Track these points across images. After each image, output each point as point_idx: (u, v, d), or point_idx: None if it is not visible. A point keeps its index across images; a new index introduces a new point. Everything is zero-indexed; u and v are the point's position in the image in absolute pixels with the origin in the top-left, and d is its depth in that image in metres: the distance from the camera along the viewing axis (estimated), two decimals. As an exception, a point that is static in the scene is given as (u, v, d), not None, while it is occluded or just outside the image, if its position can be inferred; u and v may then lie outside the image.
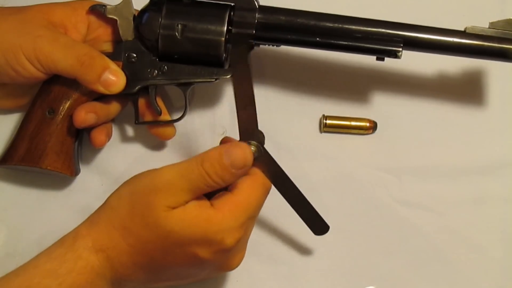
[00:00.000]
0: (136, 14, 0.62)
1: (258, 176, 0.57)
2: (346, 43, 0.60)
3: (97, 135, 0.64)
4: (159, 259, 0.55)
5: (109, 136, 0.66)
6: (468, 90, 0.71)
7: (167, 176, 0.54)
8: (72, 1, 0.64)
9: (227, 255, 0.56)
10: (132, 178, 0.56)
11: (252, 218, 0.57)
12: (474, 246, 0.69)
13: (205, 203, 0.55)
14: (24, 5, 0.63)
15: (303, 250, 0.68)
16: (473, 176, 0.70)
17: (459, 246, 0.69)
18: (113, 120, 0.68)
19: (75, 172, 0.65)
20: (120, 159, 0.70)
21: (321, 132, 0.71)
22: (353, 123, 0.70)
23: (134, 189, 0.55)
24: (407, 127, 0.71)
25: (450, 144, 0.70)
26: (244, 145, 0.55)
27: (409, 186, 0.70)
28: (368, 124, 0.70)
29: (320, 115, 0.71)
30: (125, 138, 0.70)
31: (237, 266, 0.59)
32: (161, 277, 0.58)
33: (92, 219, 0.56)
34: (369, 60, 0.62)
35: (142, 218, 0.54)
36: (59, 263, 0.54)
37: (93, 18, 0.63)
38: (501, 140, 0.70)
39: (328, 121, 0.70)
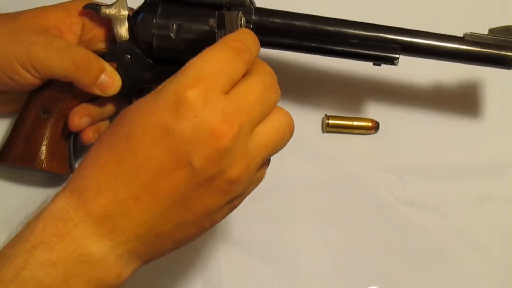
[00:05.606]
0: (130, 14, 0.61)
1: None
2: (342, 48, 0.60)
3: (85, 132, 0.63)
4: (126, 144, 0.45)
5: (100, 134, 0.65)
6: (470, 91, 0.71)
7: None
8: (65, 2, 0.63)
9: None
10: None
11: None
12: (477, 245, 0.69)
13: None
14: (21, 9, 0.62)
15: (306, 250, 0.69)
16: (476, 176, 0.69)
17: (461, 245, 0.69)
18: (110, 119, 0.67)
19: (71, 171, 0.65)
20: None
21: (323, 132, 0.71)
22: (356, 123, 0.70)
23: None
24: (409, 127, 0.70)
25: (453, 144, 0.70)
26: None
27: (411, 186, 0.69)
28: (370, 124, 0.70)
29: (323, 115, 0.70)
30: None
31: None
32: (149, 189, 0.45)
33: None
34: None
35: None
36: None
37: (87, 19, 0.62)
38: (503, 140, 0.70)
39: (331, 121, 0.70)
